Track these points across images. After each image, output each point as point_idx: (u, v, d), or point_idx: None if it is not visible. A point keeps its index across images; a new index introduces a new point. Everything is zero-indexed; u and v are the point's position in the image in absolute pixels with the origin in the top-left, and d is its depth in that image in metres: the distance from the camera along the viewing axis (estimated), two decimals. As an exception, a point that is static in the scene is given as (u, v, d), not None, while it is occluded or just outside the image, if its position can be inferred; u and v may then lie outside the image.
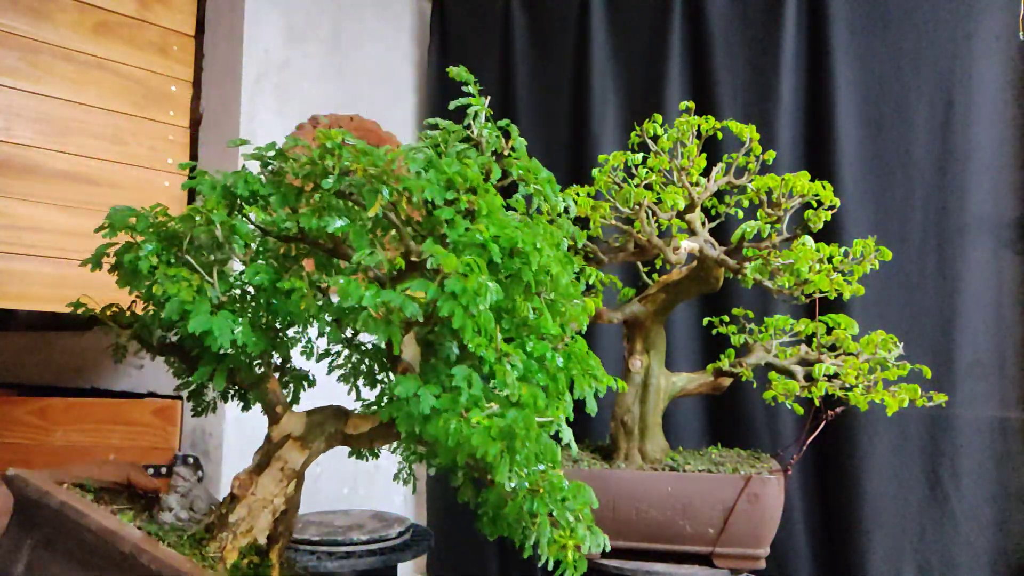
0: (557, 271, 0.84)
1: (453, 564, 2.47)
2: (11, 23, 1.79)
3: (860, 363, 1.52)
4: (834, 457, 1.98)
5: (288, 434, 0.96)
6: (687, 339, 2.17)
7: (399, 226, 0.87)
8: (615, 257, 1.64)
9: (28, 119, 1.82)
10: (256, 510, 0.94)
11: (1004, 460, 1.88)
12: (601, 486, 1.52)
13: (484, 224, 0.81)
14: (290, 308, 0.82)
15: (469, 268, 0.75)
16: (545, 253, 0.82)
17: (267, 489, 0.95)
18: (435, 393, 0.79)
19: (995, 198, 1.93)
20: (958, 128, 1.95)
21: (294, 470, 0.96)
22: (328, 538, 1.74)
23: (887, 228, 1.98)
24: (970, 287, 1.92)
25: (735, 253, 1.53)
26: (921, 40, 1.99)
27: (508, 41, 2.50)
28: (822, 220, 1.49)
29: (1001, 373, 1.90)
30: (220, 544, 0.93)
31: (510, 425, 0.75)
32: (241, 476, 0.95)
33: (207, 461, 1.97)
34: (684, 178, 1.54)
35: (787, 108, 2.10)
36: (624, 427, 1.62)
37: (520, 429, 0.75)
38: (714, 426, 2.16)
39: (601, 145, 2.28)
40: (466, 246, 0.79)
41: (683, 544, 1.51)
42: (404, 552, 1.75)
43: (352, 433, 0.98)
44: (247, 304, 0.91)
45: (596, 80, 2.33)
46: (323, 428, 0.98)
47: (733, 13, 2.19)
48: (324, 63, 2.31)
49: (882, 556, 1.93)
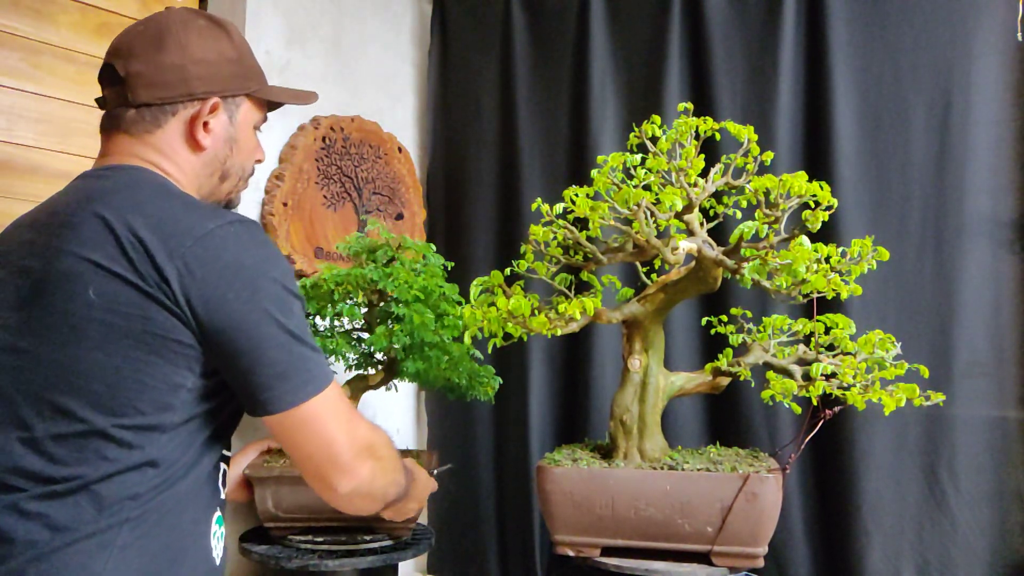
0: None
1: (454, 563, 2.48)
2: (13, 24, 1.80)
3: (858, 363, 1.53)
4: (832, 456, 1.99)
5: (347, 396, 1.38)
6: (686, 339, 2.18)
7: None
8: (614, 257, 1.65)
9: (30, 120, 1.83)
10: None
11: (1002, 459, 1.89)
12: (600, 485, 1.53)
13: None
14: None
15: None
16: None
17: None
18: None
19: (993, 198, 1.94)
20: (956, 128, 1.96)
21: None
22: (329, 537, 1.75)
23: (885, 228, 1.98)
24: (968, 287, 1.93)
25: (733, 253, 1.54)
26: (920, 41, 2.00)
27: (508, 41, 2.50)
28: (820, 220, 1.49)
29: (999, 372, 1.90)
30: None
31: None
32: None
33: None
34: (682, 179, 1.55)
35: (785, 109, 2.11)
36: (623, 426, 1.63)
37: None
38: (713, 425, 2.17)
39: (600, 145, 2.29)
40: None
41: (682, 542, 1.52)
42: (405, 551, 1.76)
43: (373, 384, 1.85)
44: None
45: (596, 80, 2.34)
46: (358, 386, 1.86)
47: (732, 14, 2.19)
48: (325, 64, 2.32)
49: (880, 554, 1.93)
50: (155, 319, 0.93)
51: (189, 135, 1.10)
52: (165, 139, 1.09)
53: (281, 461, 1.79)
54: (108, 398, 0.93)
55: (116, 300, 0.93)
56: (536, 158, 2.43)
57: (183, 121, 1.09)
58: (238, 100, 1.15)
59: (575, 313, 1.52)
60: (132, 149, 1.08)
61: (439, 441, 2.51)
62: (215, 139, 1.12)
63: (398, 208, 2.48)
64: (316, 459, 1.02)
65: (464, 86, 2.60)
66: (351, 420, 1.05)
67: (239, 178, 1.19)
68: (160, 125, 1.08)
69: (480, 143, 2.54)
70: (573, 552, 1.57)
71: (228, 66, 1.12)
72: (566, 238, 1.63)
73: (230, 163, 1.15)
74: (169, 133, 1.09)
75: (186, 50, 1.08)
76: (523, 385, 2.35)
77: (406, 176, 2.52)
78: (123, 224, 0.95)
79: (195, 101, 1.09)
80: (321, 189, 2.25)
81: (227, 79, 1.12)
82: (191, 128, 1.10)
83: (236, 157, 1.16)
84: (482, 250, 2.49)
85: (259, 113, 1.20)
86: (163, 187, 1.05)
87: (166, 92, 1.07)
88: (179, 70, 1.07)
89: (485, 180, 2.51)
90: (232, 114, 1.14)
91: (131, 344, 0.93)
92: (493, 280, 1.64)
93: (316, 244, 2.23)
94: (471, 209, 2.53)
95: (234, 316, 0.95)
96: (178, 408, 0.96)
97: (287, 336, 0.98)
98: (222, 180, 1.16)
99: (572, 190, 1.58)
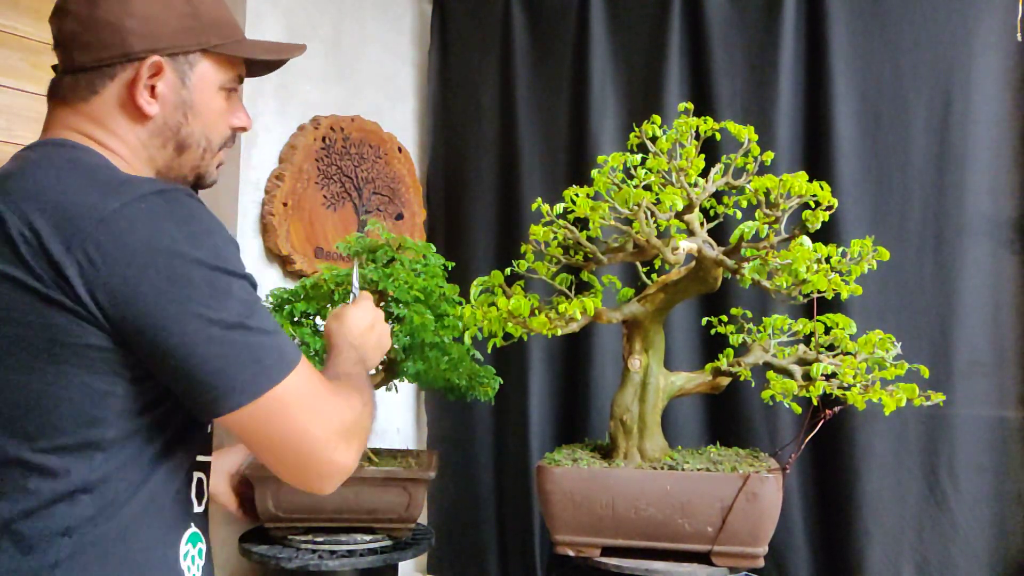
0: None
1: (454, 563, 2.48)
2: (13, 24, 1.80)
3: (858, 362, 1.53)
4: (832, 456, 1.99)
5: None
6: (686, 339, 2.18)
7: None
8: (614, 257, 1.65)
9: (30, 120, 1.83)
10: None
11: (1002, 459, 1.89)
12: (600, 485, 1.53)
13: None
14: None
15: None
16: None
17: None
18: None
19: (993, 198, 1.94)
20: (956, 128, 1.96)
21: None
22: (329, 537, 1.75)
23: (885, 228, 1.99)
24: (968, 287, 1.93)
25: (733, 253, 1.54)
26: (920, 40, 2.00)
27: (508, 41, 2.51)
28: (820, 220, 1.50)
29: (999, 372, 1.90)
30: None
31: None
32: None
33: (208, 460, 1.98)
34: (683, 179, 1.55)
35: (785, 109, 2.11)
36: (623, 426, 1.63)
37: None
38: (713, 425, 2.17)
39: (600, 145, 2.29)
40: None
41: (682, 542, 1.52)
42: (405, 551, 1.76)
43: (373, 384, 1.63)
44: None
45: (596, 80, 2.34)
46: None
47: (732, 13, 2.19)
48: (325, 64, 2.32)
49: (880, 554, 1.93)
50: (59, 325, 0.80)
51: (129, 101, 0.94)
52: (103, 107, 0.93)
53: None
54: (19, 420, 0.81)
55: (11, 307, 0.80)
56: (536, 158, 2.43)
57: (122, 85, 0.93)
58: (192, 58, 0.97)
59: (575, 313, 1.52)
60: (67, 120, 0.94)
61: (439, 441, 2.51)
62: (164, 105, 0.95)
63: (398, 208, 2.48)
64: (288, 460, 0.87)
65: (464, 86, 2.60)
66: (323, 403, 0.88)
67: (203, 148, 1.01)
68: (96, 91, 0.93)
69: (480, 143, 2.54)
70: (573, 552, 1.57)
71: (177, 20, 0.96)
72: (566, 238, 1.63)
73: (185, 132, 0.98)
74: (107, 100, 0.93)
75: (125, 3, 0.92)
76: (523, 385, 2.35)
77: (406, 176, 2.52)
78: (16, 215, 0.81)
79: (133, 62, 0.93)
80: (321, 189, 2.25)
81: (174, 34, 0.95)
82: (131, 93, 0.93)
83: (194, 124, 0.98)
84: (482, 250, 2.49)
85: (228, 72, 1.01)
86: (74, 163, 0.88)
87: (101, 52, 0.92)
88: (115, 27, 0.92)
89: (485, 180, 2.51)
90: (184, 75, 0.97)
91: (36, 355, 0.80)
92: (493, 280, 1.65)
93: (316, 244, 2.23)
94: (471, 209, 2.53)
95: (151, 311, 0.79)
96: (111, 421, 0.83)
97: (220, 327, 0.81)
98: (179, 151, 0.99)
99: (572, 190, 1.58)
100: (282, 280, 2.17)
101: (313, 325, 1.85)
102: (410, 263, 1.85)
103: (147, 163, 0.98)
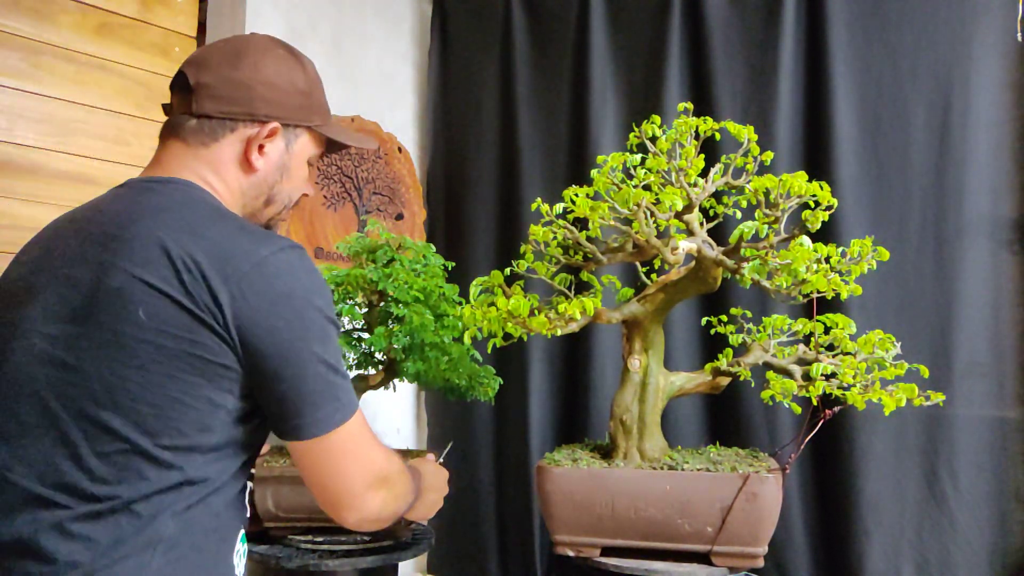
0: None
1: (454, 563, 2.48)
2: (13, 24, 1.80)
3: (858, 362, 1.53)
4: (832, 456, 1.99)
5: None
6: (685, 339, 2.18)
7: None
8: (614, 257, 1.65)
9: (30, 120, 1.83)
10: None
11: (1002, 459, 1.89)
12: (600, 485, 1.53)
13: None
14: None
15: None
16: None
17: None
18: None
19: (993, 199, 1.94)
20: (956, 129, 1.96)
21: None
22: (329, 537, 1.75)
23: (885, 228, 1.99)
24: (968, 287, 1.93)
25: (733, 253, 1.54)
26: (920, 41, 2.00)
27: (508, 41, 2.51)
28: (820, 220, 1.49)
29: (999, 372, 1.90)
30: None
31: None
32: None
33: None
34: (682, 179, 1.55)
35: (785, 109, 2.11)
36: (623, 426, 1.63)
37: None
38: (712, 425, 2.17)
39: (600, 145, 2.29)
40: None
41: (681, 542, 1.52)
42: (405, 551, 1.76)
43: (373, 384, 1.84)
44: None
45: (596, 80, 2.34)
46: (358, 386, 1.81)
47: (732, 14, 2.19)
48: (325, 64, 2.31)
49: (880, 554, 1.93)
50: (204, 343, 0.94)
51: (243, 155, 1.10)
52: (219, 154, 1.09)
53: (281, 461, 1.79)
54: (152, 418, 0.93)
55: (166, 322, 0.93)
56: (536, 158, 2.43)
57: (240, 139, 1.09)
58: (298, 131, 1.15)
59: (575, 313, 1.52)
60: (184, 160, 1.08)
61: (439, 441, 2.51)
62: (268, 163, 1.12)
63: (398, 208, 2.49)
64: (329, 490, 1.05)
65: (464, 86, 2.60)
66: (369, 451, 1.07)
67: (283, 206, 1.19)
68: (217, 139, 1.09)
69: (480, 143, 2.54)
70: (573, 552, 1.57)
71: (296, 96, 1.13)
72: (566, 238, 1.63)
73: (278, 189, 1.15)
74: (224, 148, 1.09)
75: (259, 71, 1.09)
76: (523, 385, 2.35)
77: (406, 176, 2.52)
78: (178, 245, 0.95)
79: (256, 123, 1.09)
80: (321, 189, 2.25)
81: (292, 108, 1.12)
82: (247, 148, 1.10)
83: (285, 184, 1.16)
84: (482, 250, 2.49)
85: (316, 149, 1.20)
86: (217, 209, 1.05)
87: (230, 107, 1.08)
88: (247, 89, 1.08)
89: (485, 180, 2.51)
90: (290, 142, 1.14)
91: (178, 366, 0.93)
92: (493, 280, 1.65)
93: (316, 244, 2.23)
94: (471, 209, 2.53)
95: (281, 344, 0.96)
96: (216, 429, 0.97)
97: (324, 366, 0.99)
98: (267, 204, 1.16)
99: (572, 190, 1.58)
100: (282, 280, 2.17)
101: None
102: (410, 263, 1.85)
103: (240, 208, 1.13)
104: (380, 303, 1.87)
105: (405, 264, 1.83)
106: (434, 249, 1.93)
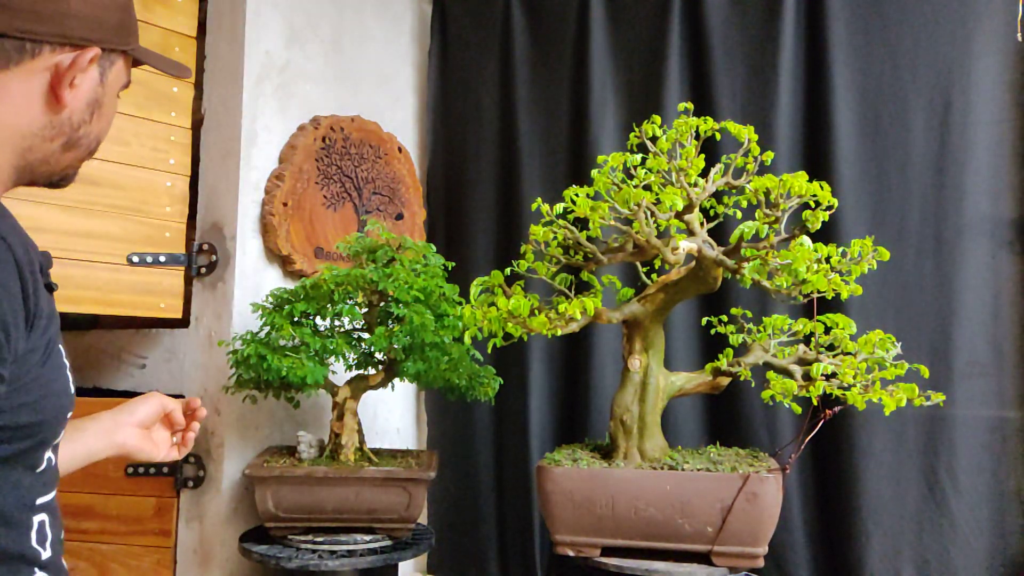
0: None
1: (454, 563, 2.48)
2: (13, 24, 1.80)
3: (858, 363, 1.53)
4: (832, 456, 1.99)
5: (347, 396, 1.88)
6: (686, 339, 2.18)
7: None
8: (614, 257, 1.65)
9: (30, 120, 1.83)
10: (350, 433, 1.87)
11: (1002, 460, 1.89)
12: (600, 485, 1.54)
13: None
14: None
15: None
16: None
17: (348, 423, 1.88)
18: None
19: (993, 199, 1.94)
20: (956, 129, 1.96)
21: (354, 410, 1.90)
22: (329, 537, 1.75)
23: (885, 228, 1.99)
24: (968, 287, 1.93)
25: (733, 253, 1.54)
26: (920, 41, 2.00)
27: (508, 41, 2.51)
28: (820, 220, 1.50)
29: (999, 373, 1.90)
30: (345, 454, 1.84)
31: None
32: (333, 422, 1.87)
33: (209, 460, 1.98)
34: (683, 179, 1.55)
35: (785, 109, 2.11)
36: (623, 426, 1.63)
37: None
38: (713, 425, 2.17)
39: (600, 145, 2.29)
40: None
41: (682, 542, 1.52)
42: (405, 551, 1.77)
43: (373, 384, 1.91)
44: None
45: (596, 80, 2.34)
46: (358, 386, 1.90)
47: (732, 14, 2.19)
48: (325, 64, 2.32)
49: (880, 554, 1.93)
50: None
51: (50, 87, 0.85)
52: (10, 83, 0.83)
53: (281, 461, 1.79)
54: None
55: None
56: (536, 158, 2.43)
57: (45, 67, 0.84)
58: (114, 56, 0.91)
59: (575, 313, 1.52)
60: None
61: (439, 441, 2.51)
62: (77, 99, 0.87)
63: (398, 208, 2.48)
64: None
65: (464, 86, 2.60)
66: None
67: (88, 151, 0.93)
68: (9, 65, 0.82)
69: (480, 143, 2.54)
70: (573, 552, 1.57)
71: (116, 12, 0.89)
72: (566, 238, 1.63)
73: (84, 131, 0.90)
74: (19, 77, 0.83)
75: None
76: (523, 385, 2.35)
77: (406, 176, 2.52)
78: None
79: (68, 47, 0.84)
80: (321, 189, 2.25)
81: (111, 29, 0.88)
82: (55, 79, 0.85)
83: (94, 125, 0.91)
84: (482, 250, 2.49)
85: (127, 77, 0.96)
86: None
87: (33, 25, 0.82)
88: (58, 1, 0.83)
89: (485, 180, 2.51)
90: (105, 72, 0.90)
91: None
92: (493, 280, 1.65)
93: (316, 244, 2.23)
94: (471, 209, 2.53)
95: None
96: None
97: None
98: (67, 149, 0.90)
99: (572, 190, 1.58)
100: (282, 280, 2.17)
101: (313, 325, 1.85)
102: (410, 263, 1.85)
103: (14, 152, 0.86)
104: (380, 303, 1.87)
105: (405, 264, 1.83)
106: (434, 249, 1.93)
